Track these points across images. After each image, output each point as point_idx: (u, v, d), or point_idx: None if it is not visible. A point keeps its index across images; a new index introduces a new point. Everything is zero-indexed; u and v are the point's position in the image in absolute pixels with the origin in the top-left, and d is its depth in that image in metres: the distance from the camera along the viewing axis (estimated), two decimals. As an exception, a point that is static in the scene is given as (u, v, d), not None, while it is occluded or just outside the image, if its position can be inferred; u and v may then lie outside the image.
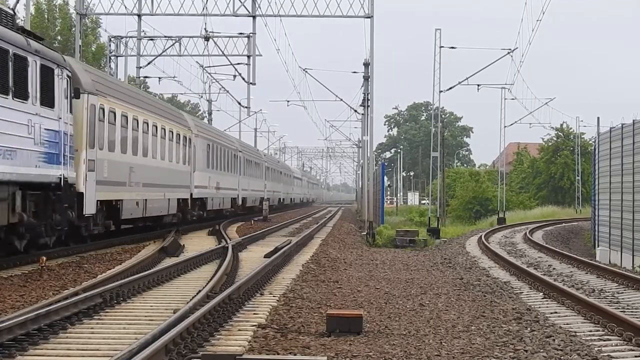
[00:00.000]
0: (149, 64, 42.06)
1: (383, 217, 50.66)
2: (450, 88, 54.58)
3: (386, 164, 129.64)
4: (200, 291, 13.55)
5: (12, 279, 16.43)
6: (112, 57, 42.79)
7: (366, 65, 47.56)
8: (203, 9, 38.62)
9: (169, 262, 19.78)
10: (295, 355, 9.82)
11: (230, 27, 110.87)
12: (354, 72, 51.41)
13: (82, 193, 22.05)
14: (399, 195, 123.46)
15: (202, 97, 62.77)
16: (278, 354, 9.81)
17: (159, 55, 41.60)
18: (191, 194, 36.08)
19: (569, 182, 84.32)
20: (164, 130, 31.42)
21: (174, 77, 49.76)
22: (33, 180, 18.49)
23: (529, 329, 12.10)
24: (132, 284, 14.33)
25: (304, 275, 18.86)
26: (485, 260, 25.86)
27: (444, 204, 65.74)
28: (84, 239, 23.47)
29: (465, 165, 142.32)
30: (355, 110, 58.78)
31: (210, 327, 10.68)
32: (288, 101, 66.87)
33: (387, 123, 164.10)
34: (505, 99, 66.88)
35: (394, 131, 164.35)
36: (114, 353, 8.69)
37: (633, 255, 26.83)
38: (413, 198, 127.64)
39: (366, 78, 48.05)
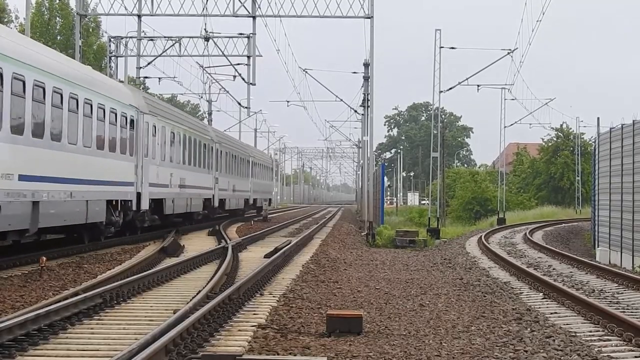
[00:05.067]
0: (148, 64, 42.06)
1: (383, 217, 50.61)
2: (450, 88, 54.60)
3: (386, 164, 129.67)
4: (200, 291, 13.54)
5: (12, 279, 16.44)
6: (112, 58, 42.77)
7: (366, 65, 47.55)
8: (203, 9, 38.65)
9: (168, 262, 19.79)
10: (295, 355, 9.82)
11: (230, 27, 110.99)
12: (354, 73, 51.44)
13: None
14: (398, 195, 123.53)
15: (202, 97, 62.76)
16: (278, 354, 9.81)
17: (159, 55, 41.59)
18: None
19: (569, 183, 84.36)
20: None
21: (174, 77, 49.75)
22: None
23: (529, 329, 12.10)
24: (132, 285, 14.33)
25: (304, 275, 18.86)
26: (485, 260, 25.87)
27: (444, 204, 65.74)
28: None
29: (465, 165, 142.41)
30: (355, 111, 58.83)
31: (210, 328, 10.68)
32: (288, 101, 66.92)
33: (387, 123, 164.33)
34: (505, 99, 66.95)
35: (394, 131, 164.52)
36: (114, 353, 8.69)
37: (633, 256, 26.84)
38: (413, 198, 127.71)
39: (366, 78, 48.05)
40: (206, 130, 41.88)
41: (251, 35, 39.50)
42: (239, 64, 41.52)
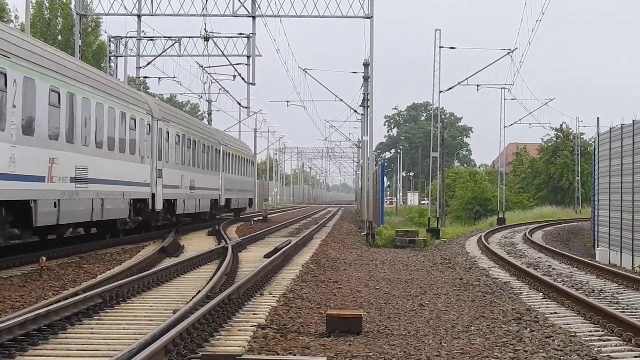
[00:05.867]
0: (148, 64, 42.10)
1: (383, 217, 50.67)
2: (450, 88, 54.65)
3: (386, 164, 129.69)
4: (200, 292, 13.55)
5: (12, 279, 16.43)
6: (112, 58, 42.79)
7: (366, 65, 47.57)
8: (203, 9, 38.66)
9: (168, 262, 19.78)
10: (295, 355, 9.82)
11: (230, 27, 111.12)
12: (354, 73, 51.50)
13: None
14: (398, 195, 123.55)
15: (202, 97, 62.82)
16: (278, 354, 9.81)
17: (159, 55, 41.61)
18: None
19: (569, 183, 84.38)
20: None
21: (174, 77, 49.79)
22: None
23: (528, 329, 12.10)
24: (132, 285, 14.34)
25: (304, 275, 18.86)
26: (485, 260, 25.86)
27: (444, 204, 65.77)
28: None
29: (465, 165, 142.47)
30: (355, 111, 58.87)
31: (210, 328, 10.67)
32: (288, 101, 66.97)
33: (387, 123, 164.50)
34: (505, 99, 67.13)
35: (394, 131, 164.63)
36: (113, 354, 8.69)
37: (633, 256, 26.86)
38: (413, 198, 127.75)
39: (366, 78, 48.07)
40: (137, 99, 28.61)
41: (251, 35, 39.52)
42: (239, 64, 41.57)
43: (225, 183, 43.85)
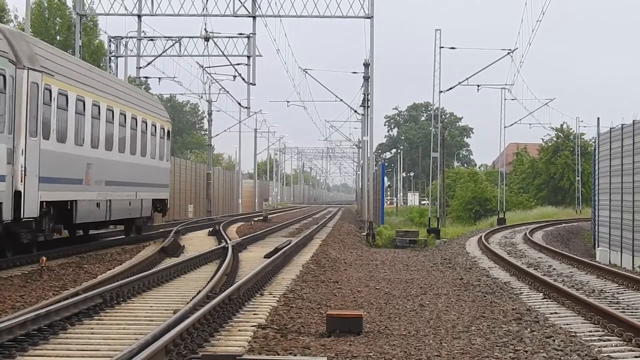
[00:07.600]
0: (148, 64, 42.08)
1: (383, 217, 50.67)
2: (451, 88, 54.57)
3: (386, 164, 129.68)
4: (200, 291, 13.54)
5: (12, 279, 16.44)
6: (112, 58, 42.78)
7: (366, 65, 47.57)
8: (203, 9, 38.67)
9: (169, 262, 19.79)
10: (295, 355, 9.82)
11: (230, 27, 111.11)
12: (354, 73, 51.48)
13: None
14: (398, 195, 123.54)
15: (202, 97, 62.75)
16: (278, 354, 9.81)
17: (159, 55, 41.60)
18: None
19: (569, 183, 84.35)
20: None
21: (174, 77, 49.75)
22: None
23: (529, 329, 12.10)
24: (132, 285, 14.33)
25: (304, 275, 18.86)
26: (485, 260, 25.85)
27: (444, 204, 65.74)
28: None
29: (465, 165, 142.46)
30: (355, 111, 58.87)
31: (210, 328, 10.67)
32: (288, 101, 66.94)
33: (387, 123, 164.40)
34: (505, 99, 67.07)
35: (394, 131, 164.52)
36: (113, 353, 8.68)
37: (633, 256, 26.86)
38: (413, 198, 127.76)
39: (366, 78, 48.07)
40: None
41: (251, 35, 39.52)
42: (239, 64, 41.56)
43: (42, 162, 19.31)
